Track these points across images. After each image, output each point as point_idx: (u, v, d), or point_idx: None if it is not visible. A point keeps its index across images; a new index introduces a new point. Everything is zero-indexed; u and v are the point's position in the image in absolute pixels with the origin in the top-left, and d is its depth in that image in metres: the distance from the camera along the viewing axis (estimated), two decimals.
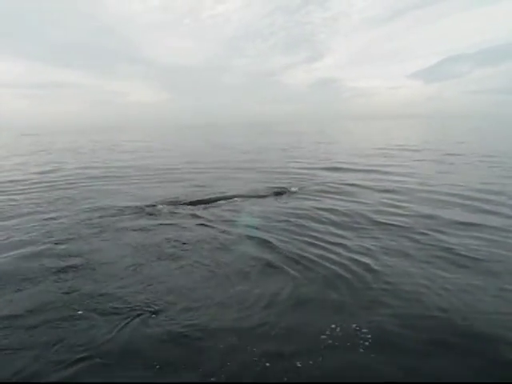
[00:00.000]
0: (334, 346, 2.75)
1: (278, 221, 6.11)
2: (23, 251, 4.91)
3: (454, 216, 6.10)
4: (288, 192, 8.32)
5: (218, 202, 7.49)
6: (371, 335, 2.89)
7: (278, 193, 8.19)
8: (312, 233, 5.42)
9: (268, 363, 2.58)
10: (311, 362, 2.60)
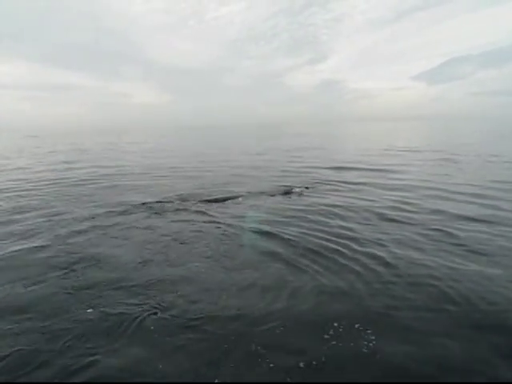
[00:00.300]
0: (341, 338, 2.78)
1: (286, 216, 6.20)
2: (32, 245, 4.98)
3: (463, 211, 6.19)
4: (296, 190, 8.39)
5: (226, 200, 7.56)
6: (385, 324, 2.97)
7: (287, 191, 8.27)
8: (321, 227, 5.51)
9: (271, 355, 2.61)
10: (320, 350, 2.67)
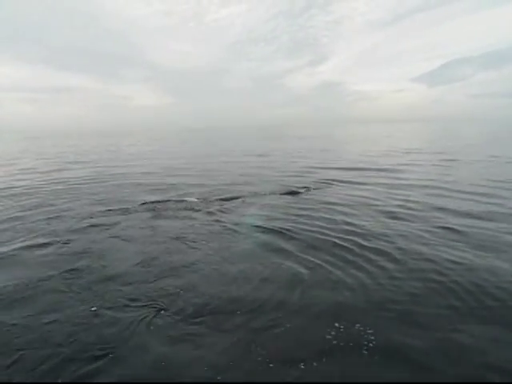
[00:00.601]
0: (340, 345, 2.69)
1: (291, 214, 6.26)
2: (37, 243, 5.02)
3: (468, 209, 6.28)
4: (301, 190, 8.41)
5: (231, 199, 7.59)
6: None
7: (292, 191, 8.25)
8: (327, 224, 5.57)
9: (275, 347, 2.63)
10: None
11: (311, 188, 8.66)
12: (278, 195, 8.02)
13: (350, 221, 5.73)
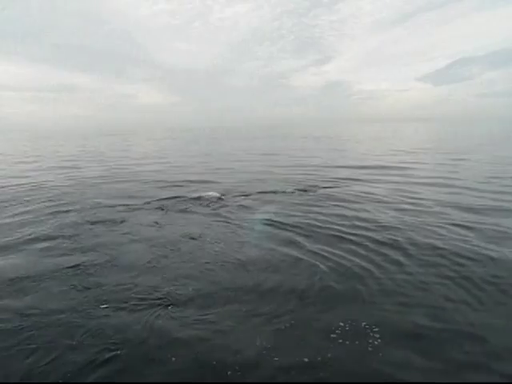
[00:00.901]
0: (347, 340, 2.69)
1: (301, 211, 6.33)
2: (51, 233, 5.20)
3: (479, 204, 6.44)
4: (312, 187, 8.51)
5: (243, 197, 7.66)
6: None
7: (303, 189, 8.33)
8: (340, 220, 5.68)
9: (278, 349, 2.60)
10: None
11: (322, 186, 8.73)
12: (289, 192, 8.10)
13: (362, 216, 5.84)
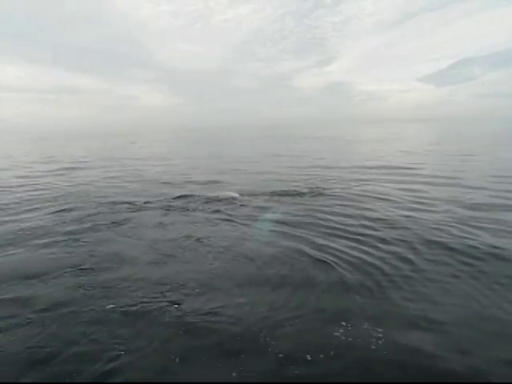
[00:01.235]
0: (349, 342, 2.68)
1: (306, 210, 6.46)
2: (52, 240, 5.17)
3: (486, 201, 6.66)
4: (316, 189, 8.46)
5: (248, 197, 7.71)
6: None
7: (309, 190, 8.34)
8: (348, 218, 5.85)
9: (281, 347, 2.60)
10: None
11: (328, 187, 8.74)
12: (298, 192, 8.13)
13: (371, 215, 5.99)
